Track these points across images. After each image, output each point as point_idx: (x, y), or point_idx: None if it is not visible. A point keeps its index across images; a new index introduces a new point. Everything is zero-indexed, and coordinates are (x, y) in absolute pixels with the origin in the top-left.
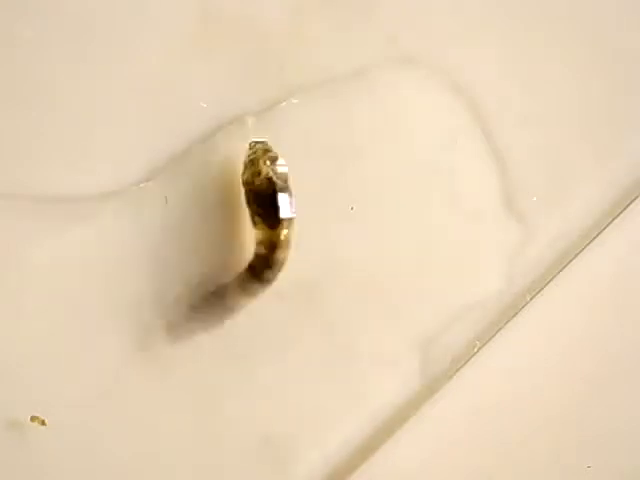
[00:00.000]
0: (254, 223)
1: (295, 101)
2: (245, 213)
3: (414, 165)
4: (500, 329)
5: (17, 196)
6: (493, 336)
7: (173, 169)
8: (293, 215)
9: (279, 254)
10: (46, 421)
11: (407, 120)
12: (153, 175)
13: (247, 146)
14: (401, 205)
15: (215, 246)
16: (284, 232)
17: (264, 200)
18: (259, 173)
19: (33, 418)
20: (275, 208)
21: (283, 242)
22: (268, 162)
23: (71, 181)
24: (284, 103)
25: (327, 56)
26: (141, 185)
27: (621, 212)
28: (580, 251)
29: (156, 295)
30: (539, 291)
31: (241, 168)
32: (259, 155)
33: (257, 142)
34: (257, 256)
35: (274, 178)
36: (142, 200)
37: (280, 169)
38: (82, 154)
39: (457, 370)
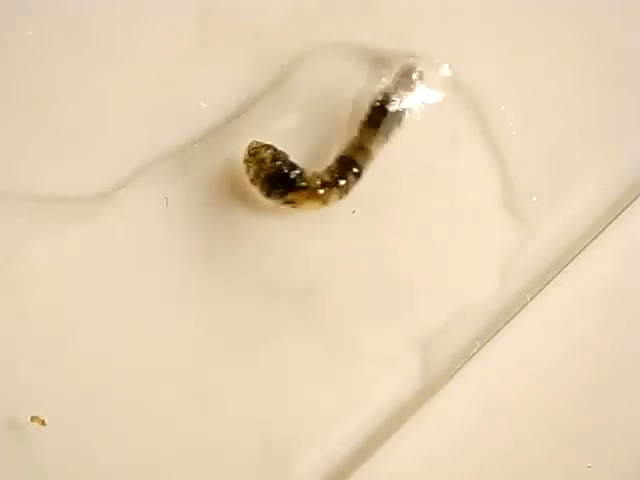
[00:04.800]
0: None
1: (295, 101)
2: (245, 213)
3: (414, 165)
4: (500, 329)
5: (17, 196)
6: (493, 336)
7: (173, 169)
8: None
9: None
10: (46, 421)
11: (407, 120)
12: (153, 175)
13: (248, 144)
14: (401, 205)
15: (214, 246)
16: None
17: (283, 179)
18: (263, 160)
19: (33, 418)
20: (290, 181)
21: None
22: (269, 151)
23: (71, 181)
24: (284, 103)
25: (327, 56)
26: (141, 185)
27: (621, 212)
28: (580, 251)
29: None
30: (539, 291)
31: (243, 168)
32: (259, 149)
33: (258, 142)
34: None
35: (280, 155)
36: (142, 200)
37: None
38: (82, 154)
39: (457, 370)
